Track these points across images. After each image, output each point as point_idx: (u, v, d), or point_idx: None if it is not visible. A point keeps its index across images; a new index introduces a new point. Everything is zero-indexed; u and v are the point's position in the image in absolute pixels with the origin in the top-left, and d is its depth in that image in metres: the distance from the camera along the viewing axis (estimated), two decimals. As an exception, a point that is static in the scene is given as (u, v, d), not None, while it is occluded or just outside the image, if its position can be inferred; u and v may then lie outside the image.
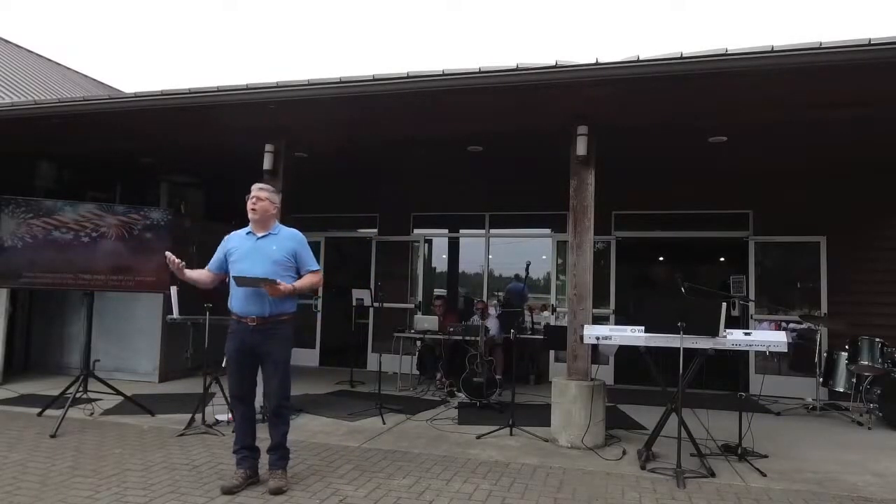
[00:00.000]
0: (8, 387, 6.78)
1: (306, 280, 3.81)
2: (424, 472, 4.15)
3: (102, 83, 13.32)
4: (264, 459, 3.82)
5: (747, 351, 5.31)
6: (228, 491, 3.59)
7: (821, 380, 6.62)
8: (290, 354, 3.82)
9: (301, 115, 5.80)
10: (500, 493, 3.76)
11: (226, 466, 4.12)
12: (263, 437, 3.85)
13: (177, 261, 3.70)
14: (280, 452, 3.76)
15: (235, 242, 3.86)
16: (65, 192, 7.52)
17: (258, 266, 3.66)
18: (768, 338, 4.50)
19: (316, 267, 3.89)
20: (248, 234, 3.86)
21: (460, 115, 5.77)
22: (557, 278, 8.76)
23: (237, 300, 3.71)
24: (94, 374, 5.62)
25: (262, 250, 3.74)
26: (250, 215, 3.81)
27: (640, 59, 4.48)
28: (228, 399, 3.85)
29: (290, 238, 3.86)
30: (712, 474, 4.15)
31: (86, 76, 13.11)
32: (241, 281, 3.61)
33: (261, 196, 3.81)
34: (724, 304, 4.41)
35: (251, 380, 3.81)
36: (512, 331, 5.96)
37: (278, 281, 3.59)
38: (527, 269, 5.80)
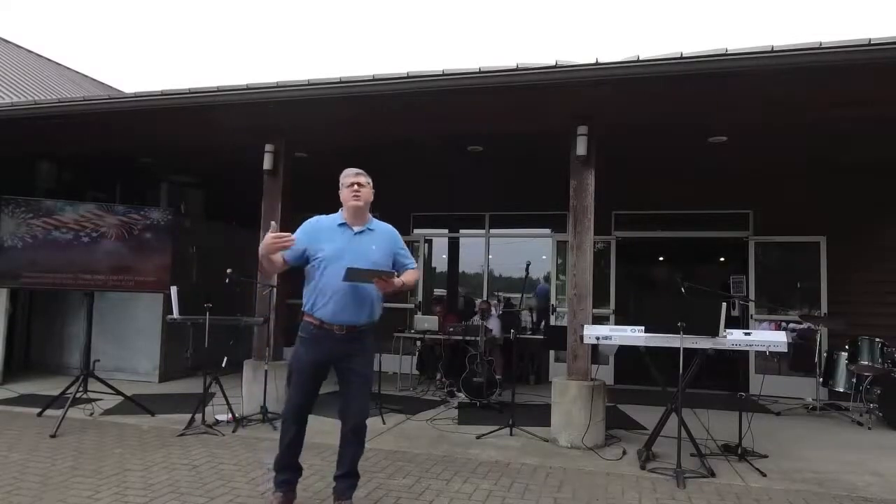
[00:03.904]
0: (8, 387, 6.78)
1: (408, 277, 3.34)
2: (424, 472, 4.15)
3: (102, 83, 13.32)
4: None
5: (747, 351, 5.32)
6: None
7: (821, 380, 6.62)
8: (373, 367, 3.42)
9: (301, 115, 5.80)
10: (500, 493, 3.76)
11: (226, 467, 4.13)
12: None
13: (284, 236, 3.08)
14: (352, 480, 3.34)
15: (326, 234, 3.27)
16: (65, 192, 7.51)
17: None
18: (768, 338, 4.50)
19: (415, 264, 3.47)
20: (340, 225, 3.30)
21: (460, 115, 5.77)
22: (557, 278, 8.76)
23: (327, 304, 3.17)
24: (94, 374, 5.61)
25: (361, 249, 3.22)
26: (353, 203, 3.26)
27: (640, 59, 4.49)
28: (285, 415, 3.38)
29: (388, 236, 3.40)
30: (712, 474, 4.15)
31: (85, 76, 13.11)
32: (354, 274, 3.05)
33: (362, 182, 3.28)
34: (724, 304, 4.41)
35: (316, 394, 3.40)
36: (512, 331, 5.96)
37: (396, 273, 3.20)
38: (527, 269, 5.79)
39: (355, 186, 3.27)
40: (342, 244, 3.23)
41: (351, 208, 3.30)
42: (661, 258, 13.23)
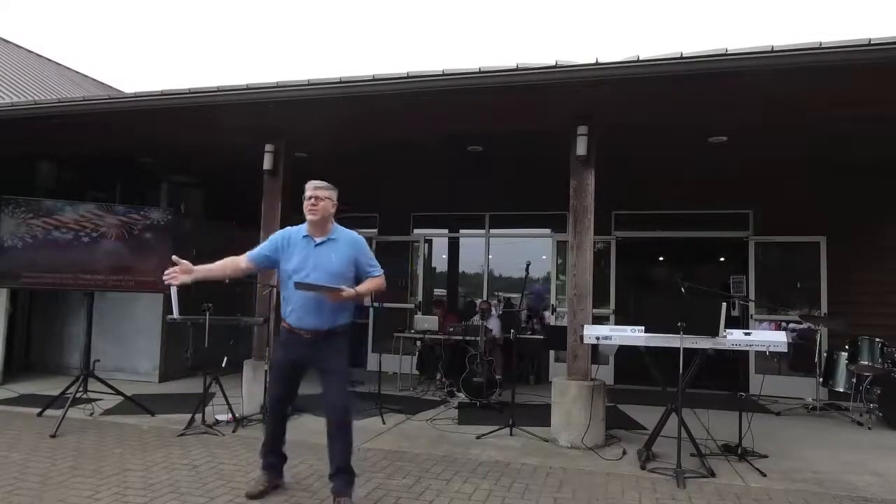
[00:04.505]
0: (8, 387, 6.78)
1: (369, 285, 3.50)
2: (424, 472, 4.15)
3: (102, 83, 13.32)
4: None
5: (747, 351, 5.32)
6: (258, 495, 3.51)
7: (821, 380, 6.62)
8: (347, 364, 3.57)
9: (301, 115, 5.80)
10: (501, 493, 3.76)
11: (226, 467, 4.13)
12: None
13: (181, 263, 3.36)
14: (347, 477, 3.39)
15: (292, 245, 3.49)
16: (65, 192, 7.51)
17: (315, 279, 3.35)
18: (768, 338, 4.50)
19: (378, 271, 3.55)
20: (304, 237, 3.49)
21: (460, 115, 5.77)
22: (557, 278, 8.75)
23: (293, 311, 3.44)
24: (94, 374, 5.61)
25: (320, 260, 3.42)
26: (309, 217, 3.44)
27: (640, 59, 4.48)
28: (268, 405, 3.64)
29: (349, 245, 3.51)
30: (712, 474, 4.15)
31: (85, 76, 13.11)
32: (302, 286, 3.32)
33: (320, 196, 3.43)
34: (724, 304, 4.41)
35: (296, 389, 3.67)
36: (512, 331, 5.96)
37: (343, 288, 3.33)
38: (527, 269, 5.78)
39: (312, 200, 3.44)
40: (303, 256, 3.45)
41: (308, 221, 3.48)
42: (661, 258, 13.23)
